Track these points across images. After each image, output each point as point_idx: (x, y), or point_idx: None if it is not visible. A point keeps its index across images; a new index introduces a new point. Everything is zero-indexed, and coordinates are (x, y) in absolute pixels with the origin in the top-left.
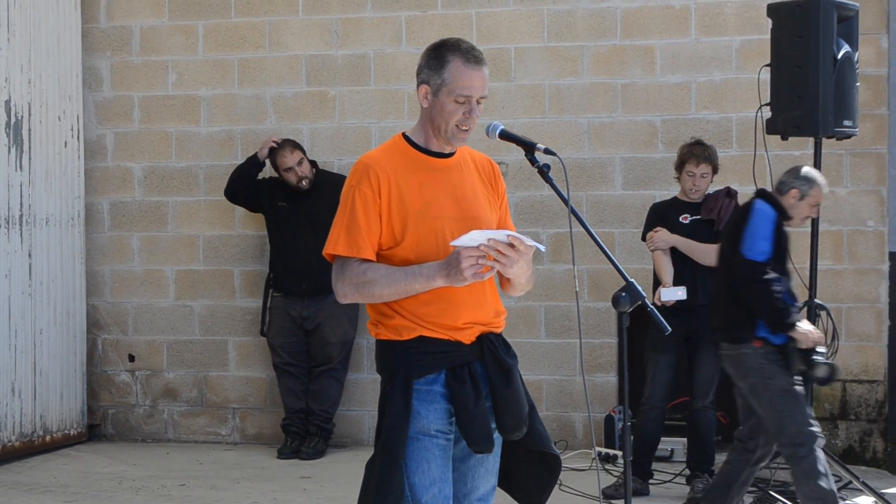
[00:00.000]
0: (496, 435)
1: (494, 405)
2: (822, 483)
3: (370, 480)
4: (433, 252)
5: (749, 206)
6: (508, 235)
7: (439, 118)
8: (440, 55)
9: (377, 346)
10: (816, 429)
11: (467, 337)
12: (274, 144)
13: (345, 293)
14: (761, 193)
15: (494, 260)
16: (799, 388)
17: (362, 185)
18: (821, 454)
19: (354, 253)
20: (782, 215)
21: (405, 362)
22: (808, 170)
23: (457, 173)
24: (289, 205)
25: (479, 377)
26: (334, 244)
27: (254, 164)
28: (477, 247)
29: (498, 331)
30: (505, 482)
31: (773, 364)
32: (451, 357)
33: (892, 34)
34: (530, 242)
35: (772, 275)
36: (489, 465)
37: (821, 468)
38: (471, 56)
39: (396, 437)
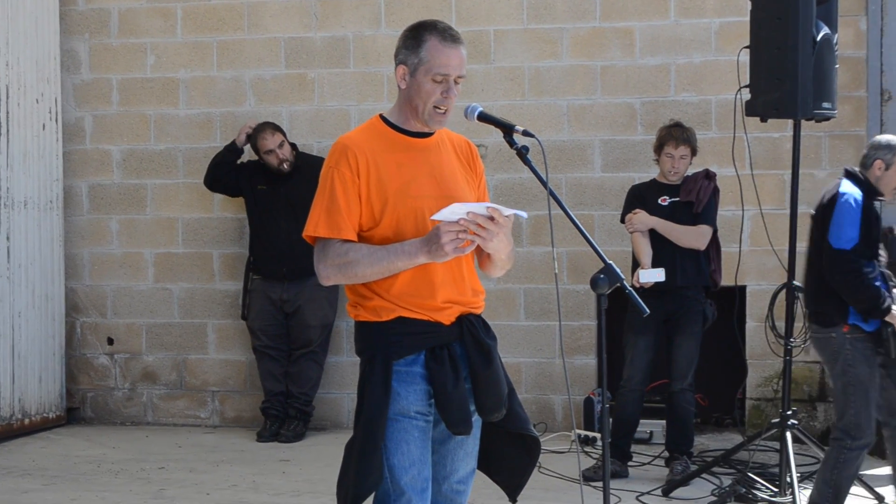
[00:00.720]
0: (475, 417)
1: (474, 386)
2: (845, 480)
3: (350, 462)
4: (412, 232)
5: (836, 189)
6: (488, 207)
7: (417, 98)
8: (417, 35)
9: (356, 327)
10: (872, 432)
11: (447, 318)
12: (250, 130)
13: (327, 275)
14: (847, 173)
15: (475, 234)
16: (874, 385)
17: (341, 166)
18: (861, 460)
19: (335, 234)
20: (871, 193)
21: (384, 343)
22: (889, 138)
23: (435, 153)
24: (269, 188)
25: (458, 358)
26: (315, 226)
27: (232, 150)
28: (457, 221)
29: (478, 311)
30: (484, 465)
31: (857, 352)
32: (430, 338)
33: (870, 16)
34: (509, 211)
35: (861, 262)
36: (468, 447)
37: (854, 468)
38: (447, 35)
39: (376, 418)
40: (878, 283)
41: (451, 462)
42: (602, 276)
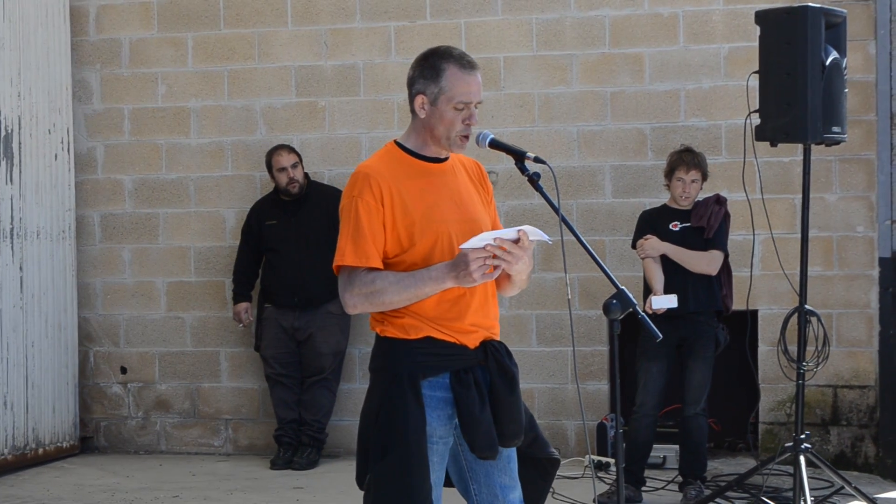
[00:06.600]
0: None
1: (495, 412)
2: None
3: (395, 484)
4: (440, 257)
5: None
6: (518, 230)
7: (440, 127)
8: (434, 64)
9: (380, 343)
10: None
11: (472, 341)
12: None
13: (354, 304)
14: None
15: (500, 259)
16: None
17: (364, 195)
18: None
19: (363, 262)
20: None
21: (411, 362)
22: None
23: (451, 177)
24: (279, 220)
25: (482, 383)
26: (342, 255)
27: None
28: (483, 247)
29: (496, 337)
30: None
31: None
32: (456, 360)
33: (879, 40)
34: (536, 236)
35: None
36: (512, 471)
37: None
38: (465, 62)
39: (420, 435)
40: None
41: (500, 490)
42: (614, 301)
